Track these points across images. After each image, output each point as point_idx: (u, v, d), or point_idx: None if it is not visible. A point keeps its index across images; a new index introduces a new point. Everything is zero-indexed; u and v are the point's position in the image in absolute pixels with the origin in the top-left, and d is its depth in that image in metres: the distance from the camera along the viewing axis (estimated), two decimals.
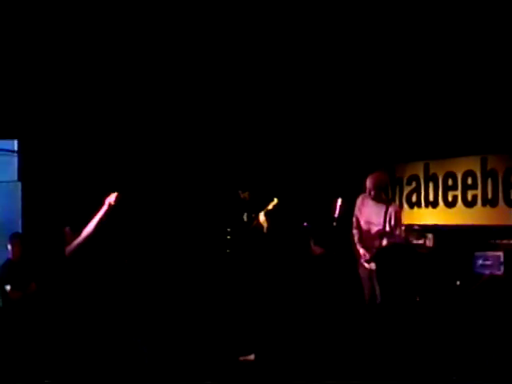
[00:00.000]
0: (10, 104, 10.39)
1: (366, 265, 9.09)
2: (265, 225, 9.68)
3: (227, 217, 10.07)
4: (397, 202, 10.95)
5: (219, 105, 10.97)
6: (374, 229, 9.14)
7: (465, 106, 9.96)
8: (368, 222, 9.20)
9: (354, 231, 9.34)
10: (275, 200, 9.65)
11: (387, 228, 9.06)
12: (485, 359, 7.24)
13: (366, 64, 10.36)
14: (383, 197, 9.23)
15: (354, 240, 9.33)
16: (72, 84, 10.53)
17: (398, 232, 9.09)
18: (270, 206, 9.66)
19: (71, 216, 10.43)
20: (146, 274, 10.01)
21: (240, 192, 9.93)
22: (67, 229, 9.63)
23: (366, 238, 9.18)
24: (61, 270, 9.45)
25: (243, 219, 9.88)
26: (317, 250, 8.82)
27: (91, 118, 10.75)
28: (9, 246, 9.47)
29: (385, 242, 9.03)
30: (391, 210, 9.14)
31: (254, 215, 9.78)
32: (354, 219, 9.35)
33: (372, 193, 9.15)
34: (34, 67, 10.30)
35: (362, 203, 9.32)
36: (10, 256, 9.36)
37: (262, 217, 9.69)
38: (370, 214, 9.19)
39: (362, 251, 9.17)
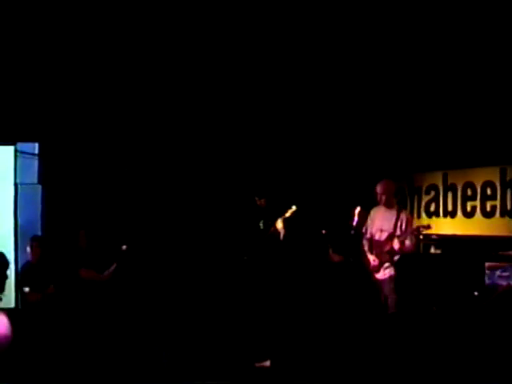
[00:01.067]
0: (31, 107, 10.46)
1: (376, 274, 9.13)
2: (282, 232, 9.69)
3: (244, 224, 10.08)
4: (415, 211, 10.96)
5: (238, 112, 11.00)
6: (385, 235, 9.16)
7: (485, 116, 9.95)
8: (380, 230, 9.21)
9: (364, 241, 9.36)
10: (294, 207, 9.67)
11: (398, 232, 9.07)
12: (502, 369, 7.24)
13: (386, 74, 10.39)
14: (394, 204, 9.26)
15: (364, 250, 9.36)
16: (93, 88, 10.61)
17: (408, 239, 9.11)
18: (289, 213, 9.68)
19: (89, 218, 10.52)
20: (163, 280, 10.06)
21: (257, 199, 9.95)
22: (82, 232, 9.70)
23: (377, 245, 9.21)
24: (77, 273, 9.52)
25: (260, 226, 9.90)
26: (335, 257, 8.83)
27: (111, 123, 10.81)
28: (28, 249, 9.53)
29: (396, 246, 9.05)
30: (402, 216, 9.18)
31: (270, 222, 9.79)
32: (364, 229, 9.37)
33: (383, 198, 9.18)
34: (56, 72, 10.38)
35: (375, 214, 9.35)
36: (30, 258, 9.40)
37: (279, 224, 9.71)
38: (382, 222, 9.21)
39: (371, 258, 9.19)
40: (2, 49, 10.00)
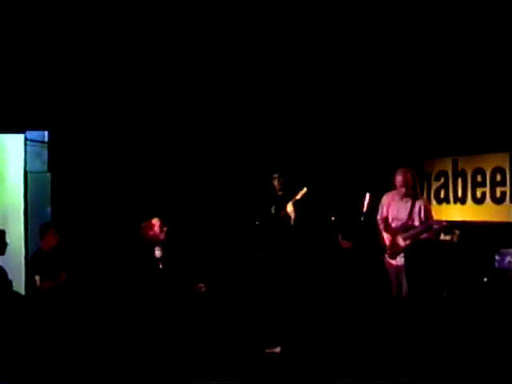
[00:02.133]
0: (40, 96, 10.47)
1: (392, 261, 9.08)
2: (292, 215, 9.67)
3: (256, 209, 10.09)
4: (425, 197, 10.94)
5: (251, 97, 11.00)
6: (400, 224, 9.12)
7: (495, 102, 9.92)
8: (395, 219, 9.16)
9: (379, 222, 9.30)
10: (304, 189, 9.64)
11: (416, 222, 9.04)
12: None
13: (398, 60, 10.37)
14: (411, 192, 9.18)
15: (380, 230, 9.30)
16: (102, 76, 10.60)
17: (429, 225, 9.08)
18: (299, 196, 9.66)
19: (98, 207, 10.55)
20: (172, 264, 10.07)
21: (273, 177, 9.89)
22: None
23: (393, 233, 9.15)
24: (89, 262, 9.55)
25: (271, 211, 9.90)
26: (345, 243, 8.85)
27: (119, 110, 10.81)
28: (40, 237, 9.52)
29: (410, 234, 9.03)
30: (419, 204, 9.07)
31: (281, 207, 9.78)
32: (379, 217, 9.31)
33: (403, 190, 9.11)
34: (65, 60, 10.38)
35: (388, 200, 9.27)
36: (41, 246, 9.40)
37: (289, 207, 9.69)
38: (399, 210, 9.16)
39: (386, 236, 9.15)
40: (11, 37, 10.00)
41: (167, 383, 7.40)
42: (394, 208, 9.17)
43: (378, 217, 9.29)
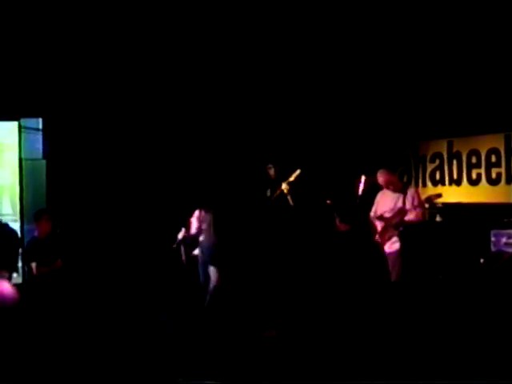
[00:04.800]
0: (33, 83, 10.45)
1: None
2: (288, 195, 9.65)
3: (251, 193, 10.10)
4: (420, 179, 10.97)
5: (245, 87, 11.00)
6: (394, 212, 9.22)
7: (488, 83, 9.91)
8: (389, 210, 9.28)
9: (372, 217, 9.42)
10: (298, 171, 9.63)
11: (408, 207, 9.11)
12: (507, 336, 7.25)
13: (392, 44, 10.37)
14: (399, 185, 9.40)
15: (370, 218, 9.43)
16: (96, 63, 10.59)
17: (418, 210, 9.16)
18: (293, 177, 9.64)
19: (93, 194, 10.54)
20: (168, 250, 10.06)
21: (269, 167, 9.93)
22: None
23: (386, 220, 9.25)
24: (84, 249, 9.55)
25: (266, 194, 9.89)
26: (342, 226, 8.82)
27: (114, 97, 10.80)
28: (35, 224, 9.51)
29: (406, 218, 9.10)
30: (409, 192, 9.29)
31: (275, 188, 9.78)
32: (372, 214, 9.44)
33: (390, 187, 9.33)
34: (58, 48, 10.37)
35: (381, 197, 9.49)
36: (36, 233, 9.40)
37: (284, 185, 9.67)
38: (391, 203, 9.31)
39: (378, 223, 9.27)
40: (4, 26, 9.98)
41: (165, 370, 7.40)
42: (387, 202, 9.32)
43: (372, 214, 9.39)
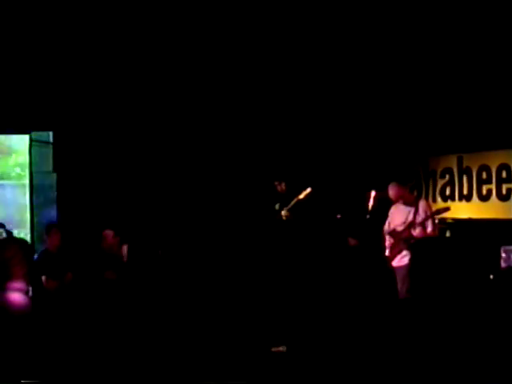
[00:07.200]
0: (44, 97, 10.51)
1: (392, 262, 9.17)
2: (287, 220, 9.64)
3: (260, 208, 10.09)
4: (430, 195, 10.95)
5: (255, 98, 11.01)
6: (405, 225, 9.22)
7: (499, 99, 9.91)
8: (401, 223, 9.29)
9: (385, 232, 9.43)
10: (308, 189, 9.62)
11: (418, 220, 9.11)
12: None
13: (403, 57, 10.37)
14: (411, 199, 9.42)
15: (384, 234, 9.43)
16: (105, 78, 10.63)
17: (429, 223, 9.16)
18: (303, 195, 9.63)
19: (103, 207, 10.56)
20: (179, 260, 10.07)
21: (276, 183, 9.93)
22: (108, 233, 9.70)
23: (396, 234, 9.25)
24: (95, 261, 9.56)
25: (275, 208, 9.88)
26: (351, 241, 8.84)
27: (123, 110, 10.83)
28: (46, 237, 9.54)
29: (416, 232, 9.10)
30: (420, 204, 9.30)
31: (285, 206, 9.76)
32: (387, 225, 9.46)
33: (400, 200, 9.36)
34: (69, 62, 10.41)
35: (394, 211, 9.50)
36: (47, 246, 9.43)
37: (284, 212, 9.67)
38: (403, 216, 9.32)
39: (387, 238, 9.25)
40: (16, 39, 10.04)
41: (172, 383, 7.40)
42: (399, 215, 9.34)
43: (385, 228, 9.40)
